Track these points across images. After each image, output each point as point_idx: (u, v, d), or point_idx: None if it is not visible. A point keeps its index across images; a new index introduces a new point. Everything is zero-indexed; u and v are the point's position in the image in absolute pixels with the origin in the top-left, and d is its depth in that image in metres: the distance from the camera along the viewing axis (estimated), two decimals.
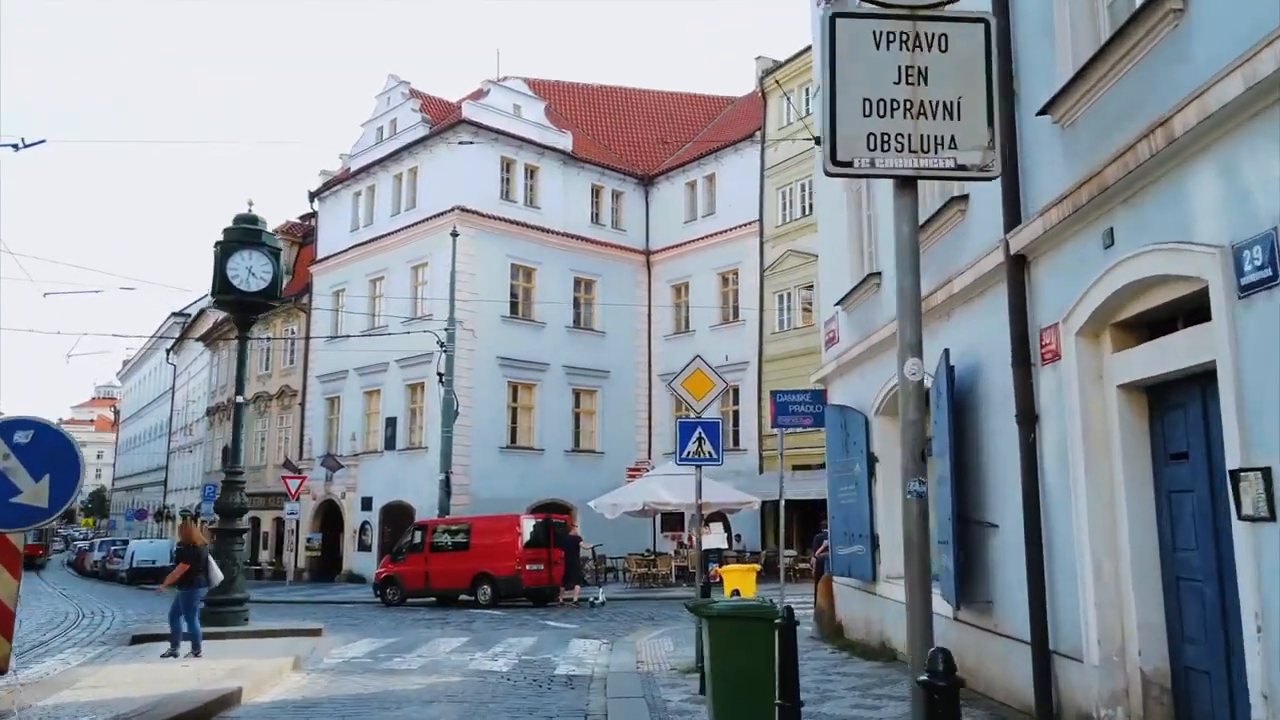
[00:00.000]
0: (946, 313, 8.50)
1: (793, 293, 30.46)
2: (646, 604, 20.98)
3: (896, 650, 10.01)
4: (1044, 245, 6.48)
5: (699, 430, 10.38)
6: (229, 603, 14.42)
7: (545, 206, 32.88)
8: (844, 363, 12.02)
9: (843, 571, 11.76)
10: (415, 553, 22.16)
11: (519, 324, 31.67)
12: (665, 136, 38.44)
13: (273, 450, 38.84)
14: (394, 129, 34.38)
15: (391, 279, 33.15)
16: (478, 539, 21.41)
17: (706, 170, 33.97)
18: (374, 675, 10.36)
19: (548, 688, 9.62)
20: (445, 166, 31.60)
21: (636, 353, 34.67)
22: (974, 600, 7.72)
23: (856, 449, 11.15)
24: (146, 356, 71.32)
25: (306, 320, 37.17)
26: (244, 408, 15.88)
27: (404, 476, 30.84)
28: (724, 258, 32.62)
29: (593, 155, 34.88)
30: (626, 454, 32.70)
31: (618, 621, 17.23)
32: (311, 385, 36.39)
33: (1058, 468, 6.42)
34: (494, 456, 30.30)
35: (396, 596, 22.04)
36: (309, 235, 39.98)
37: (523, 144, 32.29)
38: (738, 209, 32.33)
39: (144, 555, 37.96)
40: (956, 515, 7.71)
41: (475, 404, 29.82)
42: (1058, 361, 6.38)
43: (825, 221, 13.71)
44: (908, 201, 3.62)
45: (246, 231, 15.56)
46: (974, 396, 7.83)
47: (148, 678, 9.07)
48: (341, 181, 36.47)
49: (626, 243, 35.09)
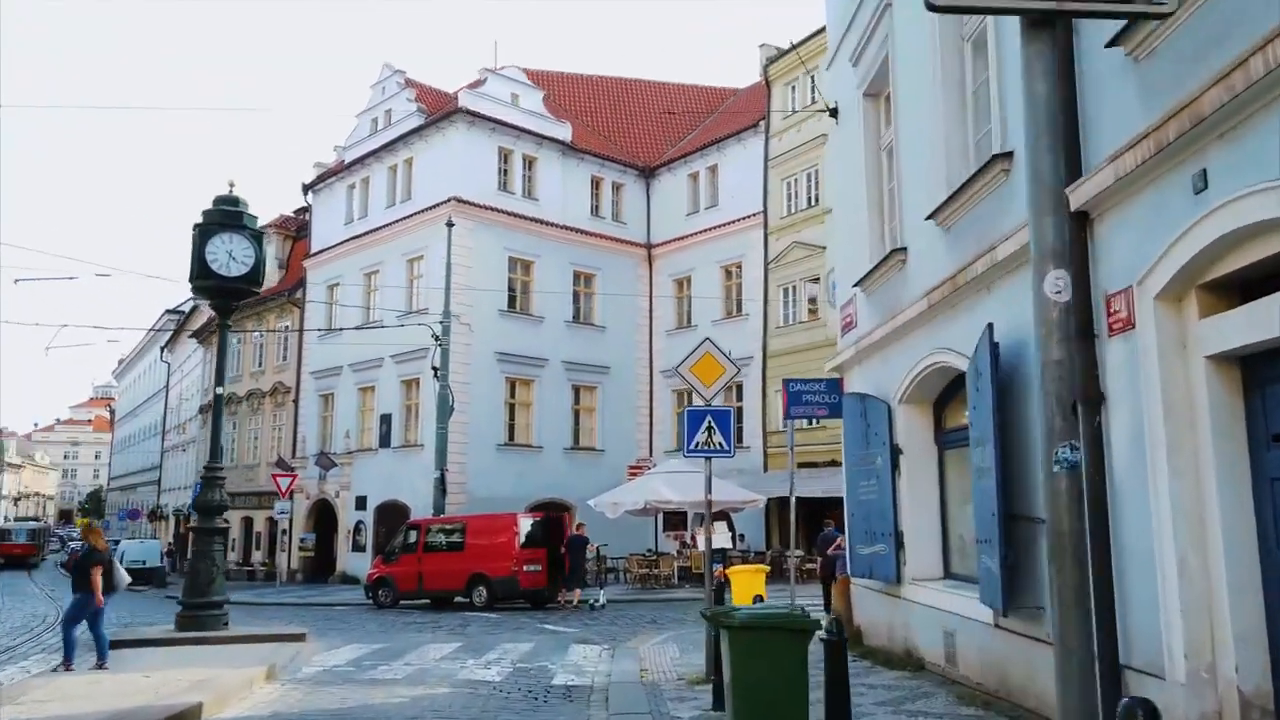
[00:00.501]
0: (986, 285, 7.66)
1: (798, 286, 29.60)
2: (649, 606, 20.12)
3: (924, 659, 9.17)
4: (1113, 198, 5.62)
5: (708, 419, 9.54)
6: (207, 606, 13.59)
7: (544, 198, 32.02)
8: (863, 348, 11.17)
9: (863, 573, 10.91)
10: (408, 553, 21.26)
11: (517, 318, 30.82)
12: (666, 128, 37.60)
13: (266, 448, 37.98)
14: (389, 119, 33.53)
15: (386, 273, 32.29)
16: (473, 539, 20.51)
17: (709, 161, 33.11)
18: (355, 686, 9.51)
19: (544, 700, 8.78)
20: (441, 157, 30.74)
21: (637, 348, 33.81)
22: (1022, 606, 6.87)
23: (878, 440, 10.31)
24: (141, 355, 70.49)
25: (300, 315, 36.32)
26: (223, 400, 15.05)
27: (399, 475, 29.97)
28: (727, 250, 31.75)
29: (592, 146, 34.02)
30: (627, 452, 31.84)
31: (619, 625, 16.37)
32: (305, 381, 35.53)
33: (1130, 453, 5.57)
34: (491, 454, 29.43)
35: (389, 599, 21.15)
36: (303, 229, 39.12)
37: (520, 134, 31.43)
38: (741, 200, 31.48)
39: (134, 556, 36.94)
40: (1003, 511, 6.86)
41: (472, 400, 28.97)
42: (1130, 331, 5.53)
43: (842, 199, 12.87)
44: (1042, 50, 2.72)
45: (227, 214, 14.69)
46: (1022, 377, 6.99)
47: (103, 690, 8.23)
48: (335, 174, 35.60)
49: (627, 235, 34.22)
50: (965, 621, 8.19)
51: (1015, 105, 7.14)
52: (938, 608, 8.95)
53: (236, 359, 41.36)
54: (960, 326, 8.22)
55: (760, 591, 14.03)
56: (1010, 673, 7.31)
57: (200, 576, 13.75)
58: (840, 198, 13.03)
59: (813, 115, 29.44)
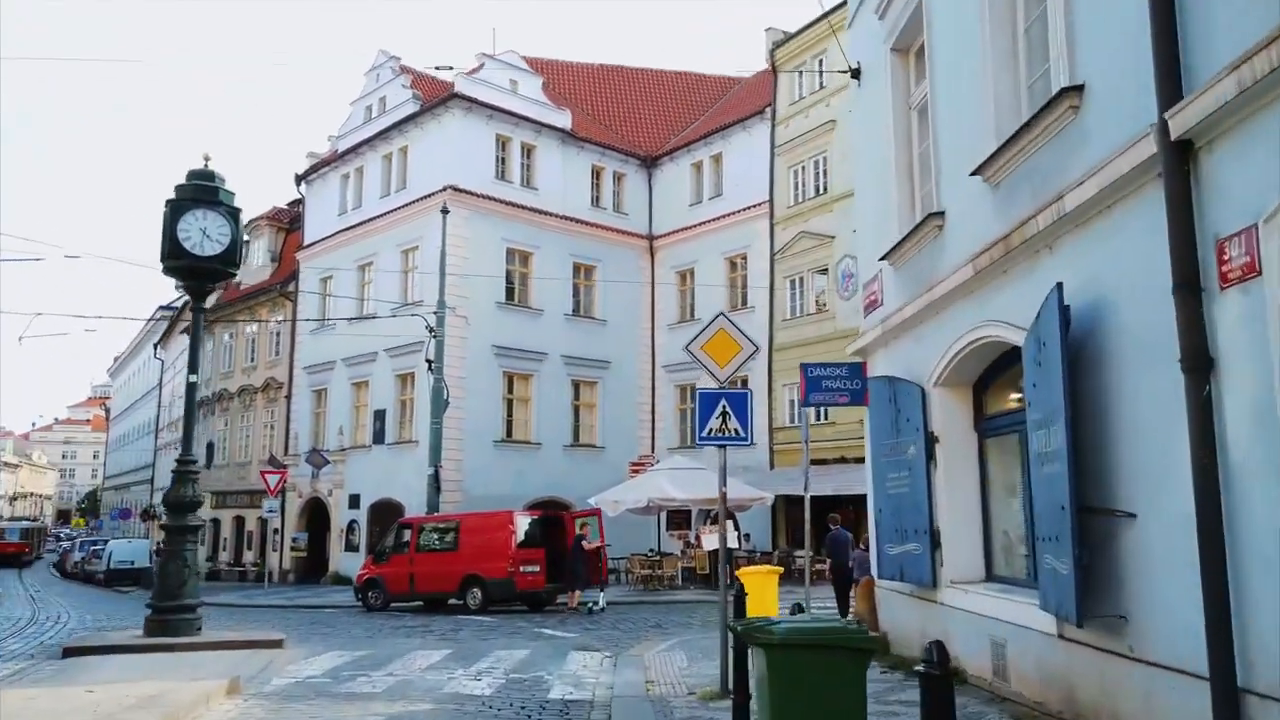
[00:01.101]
0: (1048, 243, 6.65)
1: (805, 277, 28.58)
2: (652, 609, 19.09)
3: (966, 672, 8.15)
4: (1230, 119, 4.61)
5: (722, 403, 8.52)
6: (178, 610, 12.57)
7: (543, 187, 31.00)
8: (891, 327, 10.16)
9: (891, 574, 9.89)
10: (400, 553, 20.23)
11: (515, 311, 29.79)
12: (669, 118, 36.60)
13: (258, 446, 36.96)
14: (383, 107, 32.53)
15: (381, 264, 31.28)
16: (467, 538, 19.46)
17: (713, 149, 32.08)
18: (327, 701, 8.49)
19: (538, 718, 7.77)
20: (437, 145, 29.73)
21: (639, 342, 32.79)
22: (1099, 614, 5.86)
23: (910, 427, 9.30)
24: (135, 352, 69.50)
25: (292, 308, 35.31)
26: (195, 389, 14.00)
27: (393, 472, 28.95)
28: (732, 241, 30.72)
29: (593, 135, 33.00)
30: (628, 449, 30.80)
31: (621, 629, 15.35)
32: (298, 377, 34.51)
33: (1251, 429, 4.56)
34: (488, 451, 28.40)
35: (379, 601, 20.12)
36: (296, 221, 38.10)
37: (519, 121, 30.40)
38: (746, 190, 30.47)
39: (122, 556, 36.05)
40: (1075, 503, 5.84)
41: (468, 395, 27.97)
42: (1252, 280, 4.52)
43: (864, 167, 11.85)
44: None
45: (201, 188, 13.64)
46: (1097, 346, 5.98)
47: (35, 709, 7.22)
48: (329, 164, 34.58)
49: (629, 226, 33.20)
50: (1019, 631, 7.18)
51: (1087, 30, 6.14)
52: (983, 614, 7.94)
53: (229, 354, 40.41)
54: (1013, 294, 7.22)
55: (773, 597, 13.03)
56: (1079, 691, 6.29)
57: (170, 578, 12.72)
58: (862, 166, 12.02)
59: (821, 101, 28.48)
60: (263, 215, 38.91)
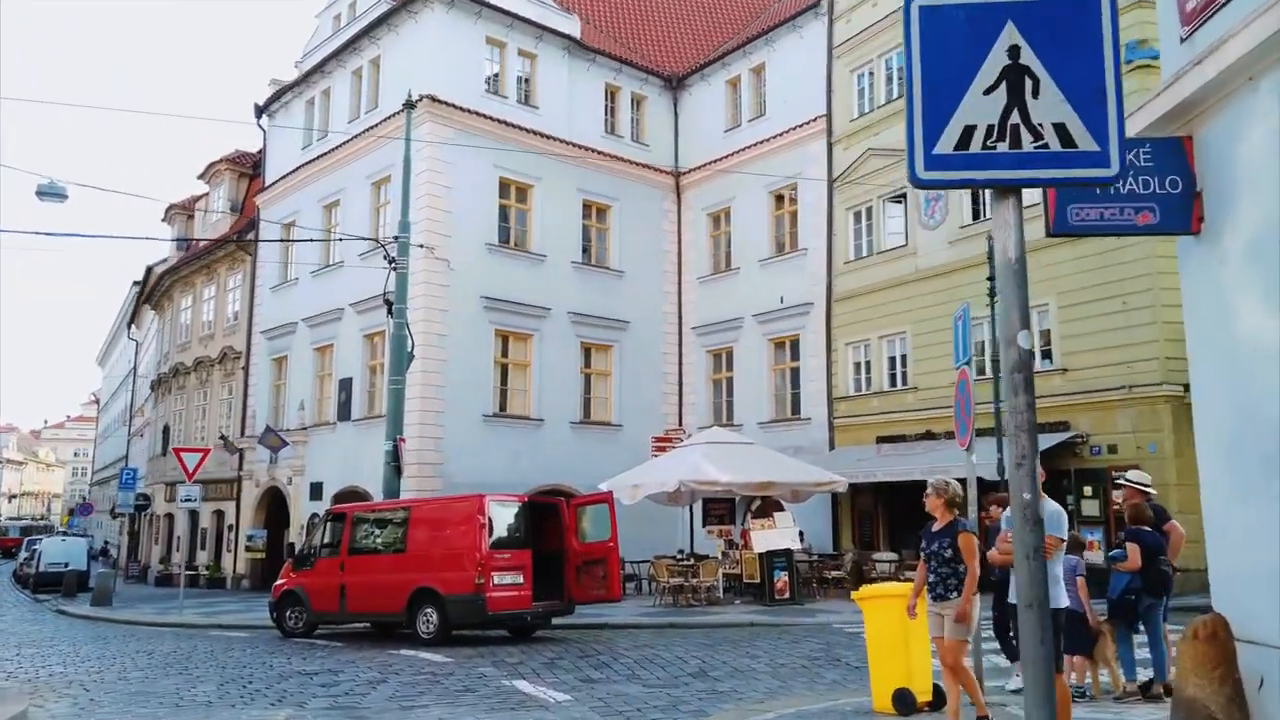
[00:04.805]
0: None
1: (875, 206, 22.60)
2: (686, 637, 13.14)
3: None
4: None
5: None
6: None
7: (545, 107, 25.20)
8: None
9: None
10: (329, 556, 14.38)
11: (511, 255, 24.02)
12: (699, 36, 30.73)
13: (213, 427, 31.41)
14: (354, 12, 26.91)
15: (348, 203, 25.64)
16: (419, 535, 13.53)
17: (754, 61, 26.13)
18: None
19: None
20: (413, 51, 24.00)
21: (664, 298, 26.93)
22: None
23: None
24: (115, 338, 64.41)
25: (251, 264, 29.75)
26: None
27: (360, 454, 23.22)
28: (778, 170, 24.70)
29: (607, 48, 27.18)
30: (650, 428, 24.83)
31: (643, 680, 9.49)
32: (256, 343, 28.93)
33: None
34: (476, 427, 22.64)
35: (299, 622, 14.28)
36: (259, 167, 32.46)
37: (514, 21, 24.59)
38: (796, 106, 24.54)
39: (53, 558, 30.51)
40: None
41: (452, 357, 22.27)
42: None
43: None
44: None
45: None
46: None
47: None
48: (292, 89, 28.94)
49: (651, 160, 27.32)
50: None
51: None
52: None
53: (187, 326, 34.95)
54: None
55: (920, 641, 7.20)
56: None
57: None
58: None
59: None
60: (222, 159, 33.27)
